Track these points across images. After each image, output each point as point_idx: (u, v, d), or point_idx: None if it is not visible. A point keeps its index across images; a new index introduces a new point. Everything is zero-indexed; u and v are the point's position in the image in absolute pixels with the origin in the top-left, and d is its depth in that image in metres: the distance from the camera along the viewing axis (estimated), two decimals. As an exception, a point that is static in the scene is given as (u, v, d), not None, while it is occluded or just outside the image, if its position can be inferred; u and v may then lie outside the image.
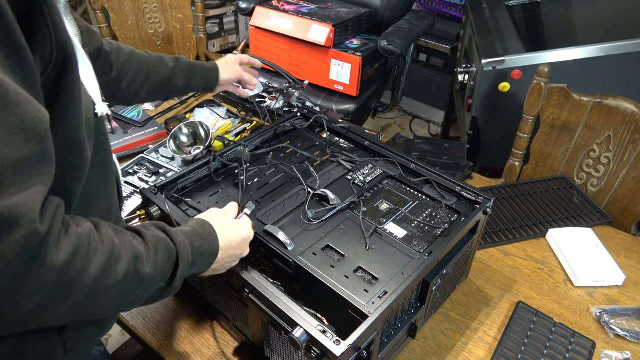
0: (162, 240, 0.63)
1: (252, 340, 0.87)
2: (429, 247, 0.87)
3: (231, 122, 1.54)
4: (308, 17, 1.89)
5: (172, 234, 0.65)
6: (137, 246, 0.59)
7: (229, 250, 0.74)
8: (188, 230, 0.69)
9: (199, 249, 0.68)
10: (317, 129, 1.22)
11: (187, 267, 0.65)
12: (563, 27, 1.97)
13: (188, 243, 0.66)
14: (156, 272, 0.60)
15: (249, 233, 0.79)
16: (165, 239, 0.63)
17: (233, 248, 0.75)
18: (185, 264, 0.64)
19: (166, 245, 0.63)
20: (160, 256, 0.61)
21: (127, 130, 1.50)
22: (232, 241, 0.74)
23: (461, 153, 1.40)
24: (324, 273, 0.81)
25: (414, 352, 0.94)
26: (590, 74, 1.60)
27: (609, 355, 0.94)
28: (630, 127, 1.30)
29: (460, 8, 2.70)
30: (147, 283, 0.59)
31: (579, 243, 1.16)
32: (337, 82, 1.93)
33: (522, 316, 0.99)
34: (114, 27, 2.03)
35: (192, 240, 0.67)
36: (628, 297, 1.07)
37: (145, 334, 0.96)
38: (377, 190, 1.01)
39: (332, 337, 0.68)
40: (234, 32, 3.33)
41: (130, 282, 0.57)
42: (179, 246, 0.64)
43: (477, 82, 1.70)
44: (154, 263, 0.60)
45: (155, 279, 0.61)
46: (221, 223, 0.75)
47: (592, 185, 1.43)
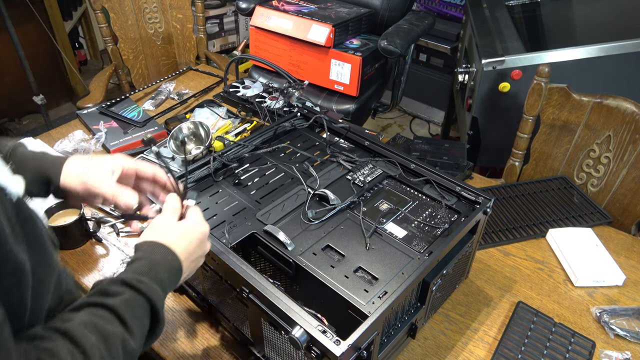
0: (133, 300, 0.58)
1: (252, 340, 0.87)
2: (429, 247, 0.87)
3: (231, 122, 1.54)
4: (308, 17, 1.89)
5: (138, 286, 0.59)
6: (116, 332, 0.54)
7: (190, 256, 0.70)
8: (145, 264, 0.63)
9: (164, 279, 0.63)
10: (317, 129, 1.22)
11: (163, 303, 0.62)
12: (563, 27, 1.97)
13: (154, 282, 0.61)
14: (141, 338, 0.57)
15: (203, 228, 0.73)
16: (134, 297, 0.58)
17: (194, 252, 0.70)
18: (162, 307, 0.61)
19: (138, 303, 0.58)
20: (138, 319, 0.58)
21: (127, 130, 1.50)
22: (190, 247, 0.69)
23: (461, 153, 1.40)
24: (324, 273, 0.81)
25: (414, 352, 0.94)
26: (590, 74, 1.60)
27: (609, 355, 0.94)
28: (630, 127, 1.30)
29: (460, 8, 2.70)
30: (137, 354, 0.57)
31: (579, 243, 1.16)
32: (337, 82, 1.93)
33: (522, 316, 0.99)
34: (114, 27, 2.03)
35: (155, 275, 0.62)
36: (628, 297, 1.07)
37: (145, 334, 0.96)
38: (377, 190, 1.01)
39: (332, 337, 0.68)
40: (234, 32, 3.33)
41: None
42: (150, 295, 0.59)
43: (477, 82, 1.70)
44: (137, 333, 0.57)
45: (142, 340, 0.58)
46: (172, 234, 0.69)
47: (592, 185, 1.43)
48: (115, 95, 1.73)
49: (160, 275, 0.63)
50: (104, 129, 1.47)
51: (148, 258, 0.64)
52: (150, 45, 2.16)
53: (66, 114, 3.12)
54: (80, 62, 3.51)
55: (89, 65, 3.60)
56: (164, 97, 1.74)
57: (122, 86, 2.14)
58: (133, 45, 2.11)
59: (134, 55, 2.13)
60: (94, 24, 3.46)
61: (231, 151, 1.09)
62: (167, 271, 0.64)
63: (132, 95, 1.72)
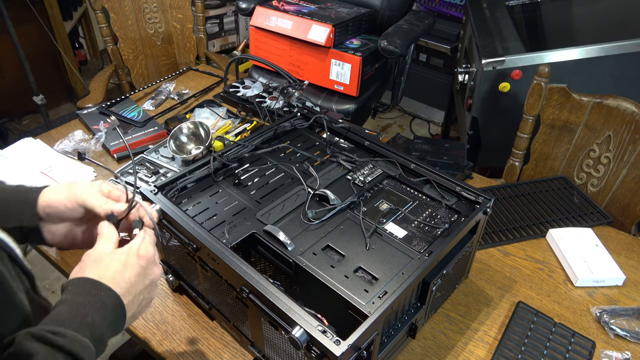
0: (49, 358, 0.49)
1: (252, 340, 0.87)
2: (429, 247, 0.87)
3: (231, 122, 1.54)
4: (308, 17, 1.89)
5: (53, 340, 0.50)
6: None
7: (133, 289, 0.60)
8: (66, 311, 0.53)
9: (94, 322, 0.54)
10: (317, 129, 1.22)
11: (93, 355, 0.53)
12: (563, 27, 1.97)
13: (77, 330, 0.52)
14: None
15: (144, 252, 0.63)
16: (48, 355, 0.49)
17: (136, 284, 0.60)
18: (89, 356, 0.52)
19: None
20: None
21: (127, 130, 1.50)
22: (130, 278, 0.59)
23: (461, 153, 1.40)
24: (324, 273, 0.81)
25: (414, 352, 0.94)
26: (590, 74, 1.60)
27: (609, 355, 0.94)
28: (630, 127, 1.30)
29: (460, 8, 2.70)
30: None
31: (579, 243, 1.16)
32: (337, 82, 1.93)
33: (522, 316, 0.99)
34: (114, 27, 2.03)
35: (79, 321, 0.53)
36: (628, 297, 1.07)
37: (145, 334, 0.96)
38: (377, 190, 1.01)
39: (332, 337, 0.68)
40: (234, 32, 3.33)
41: None
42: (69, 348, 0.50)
43: (477, 82, 1.70)
44: None
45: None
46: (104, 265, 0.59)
47: (592, 185, 1.43)
48: (115, 95, 1.73)
49: (88, 320, 0.53)
50: (104, 129, 1.47)
51: (71, 302, 0.54)
52: (150, 45, 2.16)
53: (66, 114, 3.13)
54: (80, 62, 3.51)
55: (89, 65, 3.60)
56: (164, 97, 1.74)
57: (122, 86, 2.14)
58: (133, 45, 2.11)
59: (134, 55, 2.13)
60: (94, 24, 3.46)
61: (231, 151, 1.09)
62: (99, 311, 0.55)
63: (132, 95, 1.72)
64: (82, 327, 0.53)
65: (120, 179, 1.21)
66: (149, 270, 0.64)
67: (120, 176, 1.26)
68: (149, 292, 0.64)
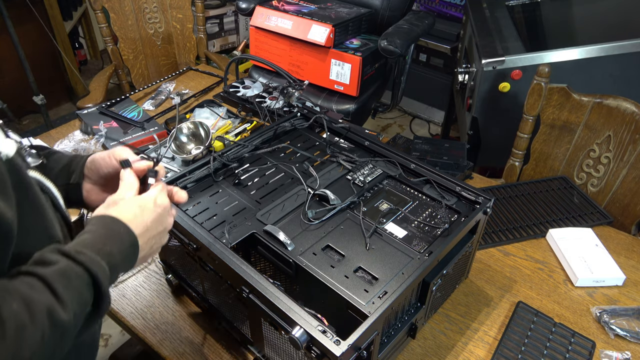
0: (68, 270, 0.54)
1: (252, 340, 0.87)
2: (429, 247, 0.87)
3: (231, 122, 1.54)
4: (308, 17, 1.89)
5: (75, 255, 0.55)
6: (43, 300, 0.50)
7: (148, 232, 0.66)
8: (89, 238, 0.60)
9: (112, 252, 0.60)
10: (317, 129, 1.22)
11: (107, 280, 0.58)
12: (563, 27, 1.97)
13: (96, 254, 0.58)
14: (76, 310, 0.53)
15: (161, 201, 0.70)
16: (70, 267, 0.54)
17: (152, 228, 0.67)
18: (105, 279, 0.57)
19: (74, 273, 0.54)
20: (73, 291, 0.53)
21: (127, 130, 1.50)
22: (147, 221, 0.66)
23: (461, 153, 1.40)
24: (324, 273, 0.81)
25: (414, 352, 0.94)
26: (590, 74, 1.60)
27: (609, 355, 0.94)
28: (630, 127, 1.30)
29: (460, 8, 2.70)
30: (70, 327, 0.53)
31: (579, 243, 1.16)
32: (337, 82, 1.93)
33: (522, 316, 0.99)
34: (114, 27, 2.03)
35: (99, 247, 0.59)
36: (628, 297, 1.07)
37: (145, 334, 0.96)
38: (377, 190, 1.01)
39: (332, 337, 0.68)
40: (234, 32, 3.33)
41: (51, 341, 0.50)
42: (88, 266, 0.55)
43: (477, 82, 1.70)
44: (70, 304, 0.52)
45: (78, 316, 0.54)
46: (125, 207, 0.66)
47: (592, 185, 1.43)
48: (115, 95, 1.73)
49: (107, 249, 0.59)
50: (104, 129, 1.47)
51: (94, 231, 0.61)
52: (150, 45, 2.16)
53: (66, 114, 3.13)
54: (80, 62, 3.51)
55: (89, 65, 3.60)
56: (164, 97, 1.74)
57: (122, 86, 2.14)
58: (133, 45, 2.11)
59: (134, 55, 2.13)
60: (94, 24, 3.46)
61: (231, 151, 1.09)
62: (117, 244, 0.61)
63: (132, 95, 1.72)
64: (101, 253, 0.58)
65: None
66: (164, 218, 0.70)
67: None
68: (160, 238, 0.70)
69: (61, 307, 0.51)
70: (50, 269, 0.53)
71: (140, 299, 1.02)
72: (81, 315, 0.55)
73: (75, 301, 0.53)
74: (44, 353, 0.49)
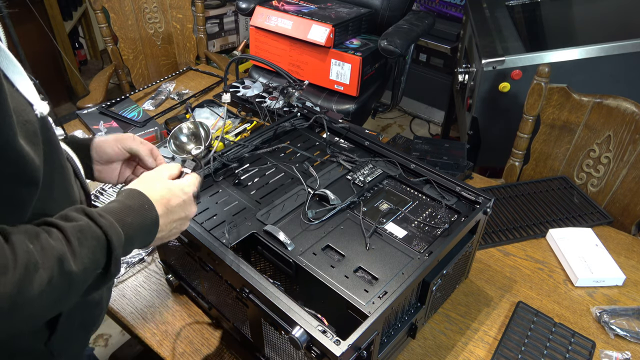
0: (86, 228, 0.58)
1: (252, 340, 0.87)
2: (429, 247, 0.87)
3: (231, 122, 1.54)
4: (308, 17, 1.89)
5: (96, 217, 0.59)
6: (57, 246, 0.54)
7: (170, 215, 0.70)
8: (115, 206, 0.64)
9: (132, 224, 0.63)
10: (317, 129, 1.22)
11: (121, 247, 0.61)
12: (563, 27, 1.97)
13: (117, 221, 0.61)
14: (87, 266, 0.57)
15: (189, 190, 0.74)
16: (89, 226, 0.58)
17: (174, 212, 0.70)
18: (119, 245, 0.60)
19: (92, 232, 0.58)
20: (87, 247, 0.57)
21: (127, 130, 1.50)
22: (171, 205, 0.70)
23: (461, 153, 1.40)
24: (324, 273, 0.81)
25: (414, 352, 0.94)
26: (590, 74, 1.60)
27: (609, 355, 0.94)
28: (630, 127, 1.30)
29: (460, 8, 2.70)
30: (79, 279, 0.56)
31: (579, 243, 1.16)
32: (337, 82, 1.93)
33: (522, 316, 0.99)
34: (114, 27, 2.03)
35: (121, 217, 0.62)
36: (628, 297, 1.07)
37: (145, 334, 0.96)
38: (377, 190, 1.01)
39: (332, 337, 0.68)
40: (234, 32, 3.33)
41: (58, 287, 0.53)
42: (106, 229, 0.59)
43: (477, 82, 1.70)
44: (81, 258, 0.56)
45: (87, 271, 0.57)
46: (155, 187, 0.70)
47: (592, 185, 1.43)
48: (115, 95, 1.73)
49: (128, 220, 0.63)
50: (104, 129, 1.47)
51: (121, 202, 0.65)
52: (150, 45, 2.16)
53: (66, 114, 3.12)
54: (80, 62, 3.51)
55: (89, 65, 3.60)
56: (164, 97, 1.74)
57: (122, 86, 2.14)
58: (133, 45, 2.11)
59: (134, 55, 2.13)
60: (94, 24, 3.46)
61: (231, 151, 1.09)
62: (139, 218, 0.64)
63: (132, 95, 1.72)
64: (121, 221, 0.62)
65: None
66: (188, 206, 0.73)
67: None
68: (181, 223, 0.73)
69: (72, 258, 0.54)
70: (71, 224, 0.57)
71: (140, 299, 1.02)
72: (91, 273, 0.58)
73: (87, 257, 0.56)
74: (49, 295, 0.52)
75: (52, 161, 0.59)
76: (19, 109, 0.52)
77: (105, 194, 1.26)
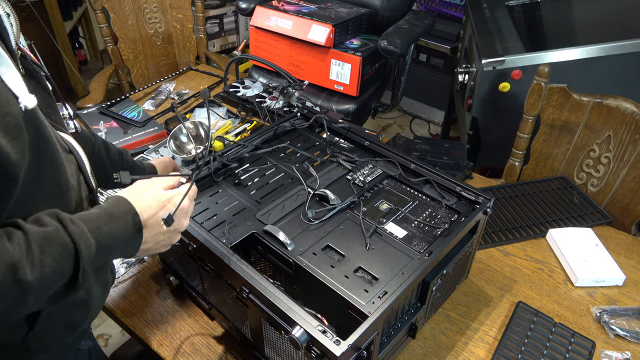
0: (53, 235, 0.55)
1: (252, 340, 0.87)
2: (429, 247, 0.87)
3: (231, 122, 1.54)
4: (308, 17, 1.89)
5: (67, 224, 0.57)
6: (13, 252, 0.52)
7: (157, 227, 0.67)
8: (94, 213, 0.62)
9: (111, 233, 0.61)
10: (317, 129, 1.22)
11: (91, 258, 0.58)
12: (563, 27, 1.97)
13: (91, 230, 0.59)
14: (47, 274, 0.54)
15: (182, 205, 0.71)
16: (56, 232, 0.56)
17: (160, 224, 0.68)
18: (88, 255, 0.58)
19: (58, 240, 0.56)
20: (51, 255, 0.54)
21: (127, 130, 1.50)
22: (158, 216, 0.67)
23: (461, 153, 1.40)
24: (324, 273, 0.81)
25: (414, 352, 0.94)
26: (590, 74, 1.60)
27: (609, 355, 0.94)
28: (630, 127, 1.30)
29: (460, 8, 2.70)
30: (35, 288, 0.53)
31: (579, 243, 1.16)
32: (337, 82, 1.93)
33: (522, 316, 0.99)
34: (114, 27, 2.03)
35: (98, 225, 0.60)
36: (628, 297, 1.07)
37: (145, 334, 0.96)
38: (377, 190, 1.01)
39: (332, 337, 0.68)
40: (234, 32, 3.33)
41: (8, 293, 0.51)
42: (75, 237, 0.57)
43: (477, 82, 1.70)
44: (41, 267, 0.53)
45: (47, 280, 0.55)
46: (144, 197, 0.67)
47: (592, 185, 1.43)
48: (115, 95, 1.73)
49: (105, 228, 0.61)
50: (104, 129, 1.47)
51: (104, 209, 0.63)
52: (150, 45, 2.16)
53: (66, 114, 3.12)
54: (80, 62, 3.51)
55: (89, 65, 3.60)
56: (164, 97, 1.74)
57: (122, 86, 2.14)
58: (133, 45, 2.11)
59: (134, 55, 2.13)
60: (94, 24, 3.46)
61: (231, 151, 1.09)
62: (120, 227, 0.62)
63: (132, 95, 1.72)
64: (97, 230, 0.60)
65: None
66: (178, 220, 0.71)
67: None
68: (170, 237, 0.71)
69: (29, 266, 0.52)
70: (37, 229, 0.55)
71: (140, 299, 1.02)
72: (53, 282, 0.56)
73: (48, 266, 0.54)
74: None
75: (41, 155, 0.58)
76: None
77: (105, 194, 1.26)
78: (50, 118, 0.58)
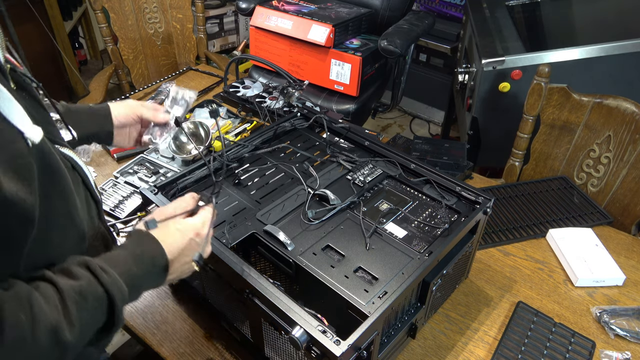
0: (87, 289, 0.55)
1: (252, 340, 0.87)
2: (429, 247, 0.87)
3: (231, 122, 1.54)
4: (308, 17, 1.89)
5: (99, 274, 0.57)
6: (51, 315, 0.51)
7: (181, 258, 0.68)
8: (122, 255, 0.62)
9: (138, 274, 0.62)
10: (317, 129, 1.22)
11: (125, 302, 0.59)
12: (563, 27, 1.97)
13: (122, 274, 0.59)
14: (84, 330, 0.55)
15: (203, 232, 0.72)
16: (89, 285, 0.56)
17: (187, 254, 0.69)
18: (121, 301, 0.58)
19: (93, 293, 0.56)
20: (87, 310, 0.55)
21: (127, 130, 1.49)
22: (182, 247, 0.68)
23: (461, 153, 1.40)
24: (324, 273, 0.81)
25: (414, 352, 0.94)
26: (590, 74, 1.60)
27: (609, 355, 0.94)
28: (630, 127, 1.30)
29: (460, 8, 2.70)
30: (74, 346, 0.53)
31: (579, 243, 1.16)
32: (337, 82, 1.93)
33: (522, 316, 0.99)
34: (114, 27, 2.03)
35: (127, 268, 0.61)
36: (628, 297, 1.07)
37: (145, 334, 0.96)
38: (377, 190, 1.01)
39: (332, 337, 0.68)
40: (234, 32, 3.33)
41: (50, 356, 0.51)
42: (108, 287, 0.57)
43: (477, 82, 1.70)
44: (79, 325, 0.53)
45: (84, 334, 0.55)
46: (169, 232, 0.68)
47: (592, 185, 1.43)
48: (115, 95, 1.73)
49: (134, 269, 0.61)
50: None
51: (130, 249, 0.63)
52: (150, 45, 2.16)
53: (66, 114, 3.11)
54: (80, 62, 3.51)
55: (89, 65, 3.60)
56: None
57: (122, 86, 2.14)
58: (133, 45, 2.11)
59: (134, 55, 2.13)
60: (94, 24, 3.46)
61: (231, 151, 1.09)
62: (148, 266, 0.63)
63: (132, 95, 1.72)
64: (126, 273, 0.60)
65: None
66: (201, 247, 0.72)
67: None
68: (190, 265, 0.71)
69: (68, 328, 0.52)
70: (71, 284, 0.54)
71: (140, 299, 1.02)
72: (89, 333, 0.56)
73: (85, 322, 0.54)
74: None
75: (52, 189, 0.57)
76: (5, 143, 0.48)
77: (105, 194, 1.26)
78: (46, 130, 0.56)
